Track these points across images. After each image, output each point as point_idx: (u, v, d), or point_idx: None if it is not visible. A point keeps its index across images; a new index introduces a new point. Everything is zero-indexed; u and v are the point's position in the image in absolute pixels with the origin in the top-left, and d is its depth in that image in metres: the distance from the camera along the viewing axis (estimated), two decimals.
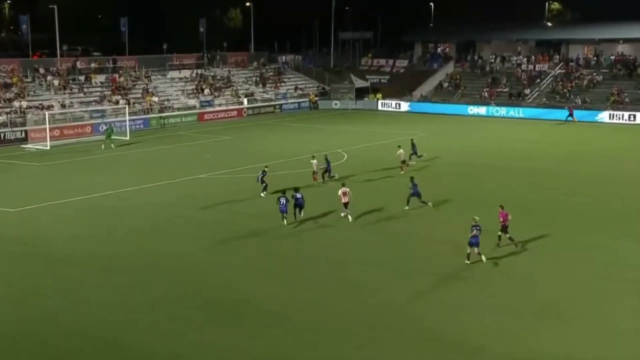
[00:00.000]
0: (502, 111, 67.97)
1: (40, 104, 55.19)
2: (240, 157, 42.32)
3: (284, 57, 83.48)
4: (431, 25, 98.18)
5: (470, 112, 68.77)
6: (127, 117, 55.20)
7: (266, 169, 33.78)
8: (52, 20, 64.27)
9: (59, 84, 59.79)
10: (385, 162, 41.66)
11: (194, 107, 65.32)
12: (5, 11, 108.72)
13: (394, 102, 72.63)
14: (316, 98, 75.25)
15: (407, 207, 30.05)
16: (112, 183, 36.41)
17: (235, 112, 67.44)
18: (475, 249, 23.23)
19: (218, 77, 72.96)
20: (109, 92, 61.50)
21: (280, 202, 28.02)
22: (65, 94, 59.24)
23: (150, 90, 64.30)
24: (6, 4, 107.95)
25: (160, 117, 60.70)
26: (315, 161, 36.32)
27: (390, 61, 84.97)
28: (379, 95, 74.33)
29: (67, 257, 24.36)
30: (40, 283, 21.93)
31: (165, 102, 63.42)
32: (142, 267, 23.35)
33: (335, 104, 74.58)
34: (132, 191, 34.73)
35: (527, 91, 70.85)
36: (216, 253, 24.93)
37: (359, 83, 77.18)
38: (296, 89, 76.71)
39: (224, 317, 19.25)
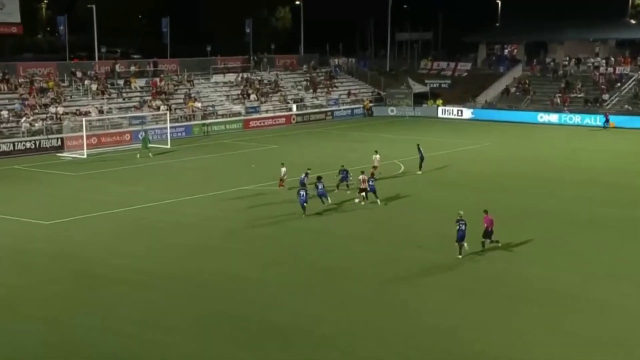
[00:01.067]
0: (577, 119, 66.87)
1: (77, 110, 56.62)
2: (289, 168, 42.56)
3: (336, 60, 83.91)
4: (497, 24, 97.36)
5: (540, 120, 67.88)
6: (168, 124, 56.23)
7: (309, 171, 35.44)
8: (91, 21, 65.88)
9: (97, 89, 61.28)
10: (447, 174, 41.46)
11: (239, 114, 66.10)
12: (42, 12, 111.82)
13: (455, 109, 72.27)
14: (371, 104, 75.32)
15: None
16: (152, 195, 37.05)
17: (283, 119, 68.03)
18: (465, 244, 26.08)
19: (265, 82, 73.72)
20: (149, 97, 62.77)
21: (300, 195, 31.56)
22: (103, 99, 60.69)
23: (192, 95, 65.39)
24: (43, 4, 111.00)
25: (203, 124, 61.63)
26: (377, 156, 40.57)
27: (452, 64, 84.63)
28: (439, 101, 74.03)
29: (105, 274, 24.85)
30: (77, 302, 22.38)
31: (209, 108, 64.40)
32: (186, 286, 23.69)
33: (392, 111, 74.53)
34: (173, 203, 35.30)
35: (605, 97, 69.53)
36: (263, 271, 25.19)
37: (418, 88, 77.00)
38: (349, 94, 76.93)
39: (273, 338, 19.42)
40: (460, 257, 26.04)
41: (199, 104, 63.81)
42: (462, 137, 57.67)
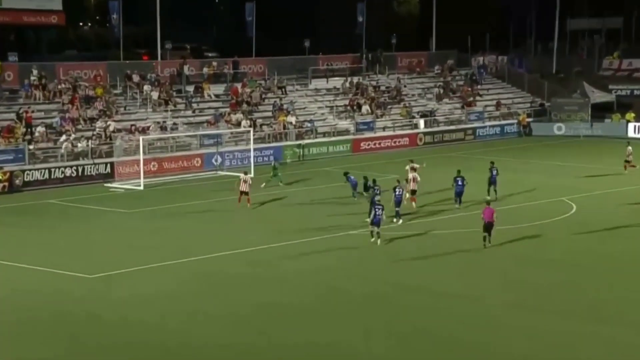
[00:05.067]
0: None
1: (132, 126, 58.02)
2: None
3: (480, 59, 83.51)
4: None
5: None
6: (252, 146, 57.19)
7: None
8: (152, 8, 68.01)
9: (159, 97, 63.02)
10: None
11: (346, 132, 66.69)
12: None
13: None
14: (529, 119, 74.46)
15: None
16: (235, 239, 37.79)
17: (407, 138, 68.21)
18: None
19: (382, 88, 74.15)
20: (227, 109, 64.10)
21: (376, 212, 36.35)
22: (167, 111, 62.31)
23: (285, 106, 66.37)
24: None
25: (298, 146, 62.47)
26: (629, 147, 52.55)
27: None
28: (631, 115, 72.53)
29: (173, 348, 25.34)
30: None
31: (306, 124, 65.18)
32: None
33: (559, 128, 73.50)
34: (265, 251, 35.94)
35: None
36: (379, 343, 25.34)
37: (598, 96, 75.70)
38: (498, 105, 76.34)
39: None
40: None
41: (292, 119, 64.69)
42: None
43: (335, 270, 33.25)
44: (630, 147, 54.32)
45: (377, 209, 36.69)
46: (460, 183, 43.85)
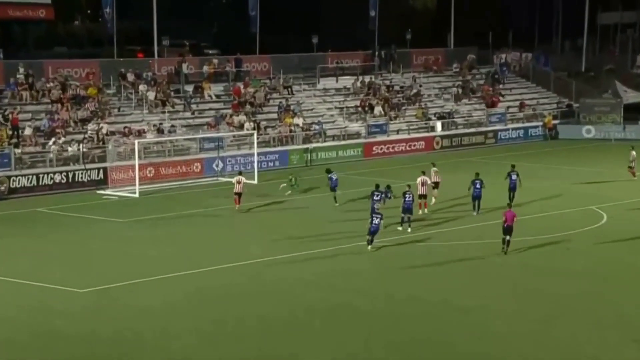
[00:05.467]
0: None
1: (126, 128, 58.29)
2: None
3: (503, 56, 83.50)
4: None
5: None
6: (255, 150, 57.28)
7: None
8: (148, 2, 68.03)
9: (156, 98, 63.17)
10: None
11: (357, 135, 66.83)
12: None
13: None
14: (555, 121, 74.44)
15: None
16: (235, 250, 38.07)
17: (423, 142, 68.43)
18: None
19: (396, 88, 74.22)
20: (229, 111, 64.27)
21: (372, 221, 37.60)
22: (164, 112, 62.46)
23: (291, 107, 66.57)
24: None
25: (306, 150, 62.62)
26: (634, 152, 52.08)
27: None
28: None
29: None
30: None
31: (314, 127, 65.30)
32: None
33: (588, 131, 73.59)
34: (263, 264, 36.12)
35: None
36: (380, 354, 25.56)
37: (631, 96, 75.74)
38: (522, 106, 76.37)
39: None
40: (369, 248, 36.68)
41: (299, 121, 64.85)
42: None
43: (335, 282, 33.48)
44: (634, 152, 54.13)
45: (374, 218, 37.80)
46: (478, 186, 44.24)
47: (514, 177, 46.07)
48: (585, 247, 38.69)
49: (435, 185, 46.51)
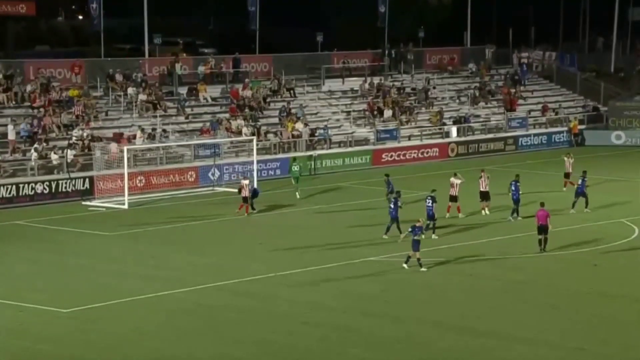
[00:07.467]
0: None
1: (115, 134, 58.22)
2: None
3: (523, 55, 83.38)
4: None
5: None
6: (255, 157, 57.05)
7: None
8: None
9: (147, 101, 63.04)
10: None
11: (365, 141, 66.68)
12: None
13: None
14: (581, 126, 74.28)
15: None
16: (229, 267, 37.91)
17: (436, 149, 68.27)
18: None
19: (407, 90, 74.08)
20: (227, 115, 64.11)
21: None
22: (155, 116, 62.21)
23: (293, 111, 66.44)
24: None
25: (310, 158, 62.43)
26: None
27: None
28: None
29: None
30: None
31: (319, 132, 65.20)
32: None
33: (617, 137, 73.49)
34: (261, 281, 35.98)
35: None
36: None
37: None
38: (545, 110, 76.19)
39: None
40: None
41: (302, 126, 64.78)
42: None
43: (340, 303, 33.17)
44: None
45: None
46: (514, 188, 45.70)
47: (580, 182, 47.83)
48: (615, 265, 38.49)
49: (484, 196, 47.68)
